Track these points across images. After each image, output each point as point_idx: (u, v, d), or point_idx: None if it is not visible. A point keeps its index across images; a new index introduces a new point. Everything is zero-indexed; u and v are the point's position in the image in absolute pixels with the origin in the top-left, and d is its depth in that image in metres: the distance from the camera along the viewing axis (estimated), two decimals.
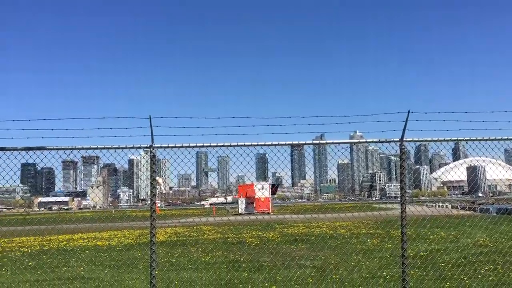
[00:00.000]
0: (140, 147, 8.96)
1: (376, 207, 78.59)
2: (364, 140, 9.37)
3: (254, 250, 18.86)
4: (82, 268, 15.36)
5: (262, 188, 68.40)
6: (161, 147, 8.82)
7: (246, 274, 12.99)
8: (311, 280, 11.82)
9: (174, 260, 16.42)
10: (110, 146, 8.86)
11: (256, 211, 65.09)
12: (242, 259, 16.55)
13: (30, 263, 16.95)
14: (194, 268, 14.53)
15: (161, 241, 23.30)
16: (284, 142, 8.95)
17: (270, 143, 8.83)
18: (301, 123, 9.30)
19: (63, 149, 8.79)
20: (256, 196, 67.21)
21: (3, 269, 15.64)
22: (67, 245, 24.04)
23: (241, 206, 69.07)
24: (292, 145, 9.42)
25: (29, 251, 21.65)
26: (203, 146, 8.88)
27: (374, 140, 8.99)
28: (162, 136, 8.82)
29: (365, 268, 13.60)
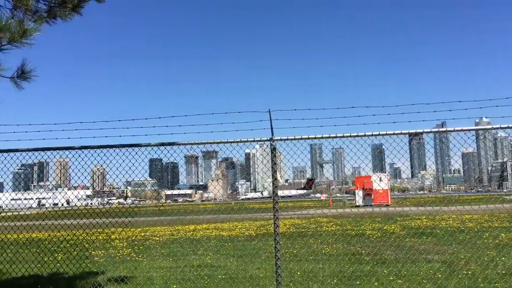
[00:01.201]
0: (260, 140, 9.16)
1: (509, 199, 71.99)
2: (498, 126, 8.56)
3: (375, 243, 18.36)
4: (209, 257, 16.20)
5: (380, 179, 66.32)
6: (281, 139, 8.92)
7: (369, 267, 12.70)
8: (440, 276, 11.19)
9: (295, 252, 16.60)
10: (233, 140, 9.19)
11: (374, 203, 63.36)
12: (363, 251, 16.21)
13: (163, 251, 18.30)
14: (315, 260, 14.55)
15: (280, 233, 23.68)
16: (406, 131, 8.56)
17: (391, 132, 8.48)
18: (425, 110, 8.81)
19: (191, 144, 9.31)
20: (374, 188, 65.38)
21: (140, 256, 17.10)
22: (194, 235, 25.49)
23: (359, 198, 67.70)
24: (416, 134, 8.97)
25: (161, 240, 23.35)
26: (322, 138, 8.83)
27: (510, 125, 8.19)
28: (280, 129, 8.95)
29: (501, 264, 12.52)
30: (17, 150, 9.48)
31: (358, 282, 10.89)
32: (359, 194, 67.80)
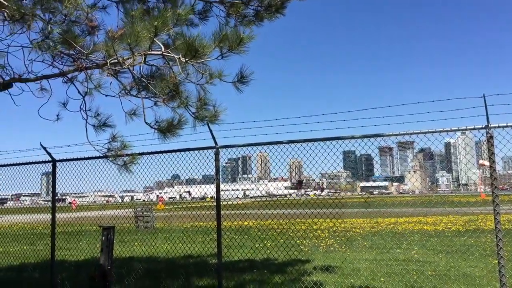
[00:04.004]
0: (474, 128, 8.48)
1: None
2: None
3: None
4: (414, 251, 15.59)
5: None
6: (498, 127, 8.12)
7: None
8: None
9: None
10: (442, 129, 8.65)
11: None
12: None
13: (365, 243, 18.25)
14: None
15: (492, 229, 21.40)
16: None
17: None
18: None
19: (395, 135, 9.03)
20: None
21: (343, 247, 17.36)
22: (394, 228, 24.79)
23: None
24: None
25: (361, 232, 23.30)
26: None
27: None
28: (497, 115, 8.14)
29: None
30: (233, 146, 10.47)
31: None
32: None
